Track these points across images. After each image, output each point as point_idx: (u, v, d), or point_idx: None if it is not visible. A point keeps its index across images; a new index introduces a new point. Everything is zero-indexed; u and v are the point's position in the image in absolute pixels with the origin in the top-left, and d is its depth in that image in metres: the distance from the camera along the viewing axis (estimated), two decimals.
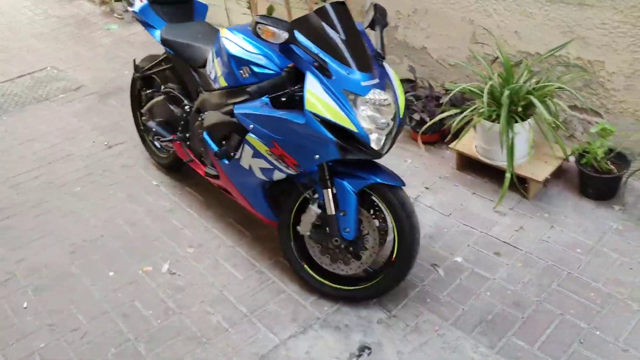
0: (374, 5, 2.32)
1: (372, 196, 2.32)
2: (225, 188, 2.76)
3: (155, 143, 3.48)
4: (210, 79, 2.60)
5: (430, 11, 3.44)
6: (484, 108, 2.76)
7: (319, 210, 2.34)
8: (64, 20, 6.38)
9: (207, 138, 2.61)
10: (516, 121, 2.76)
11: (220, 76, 2.49)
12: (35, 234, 3.11)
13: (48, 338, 2.46)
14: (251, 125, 2.27)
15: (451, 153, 3.22)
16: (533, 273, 2.52)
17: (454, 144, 3.10)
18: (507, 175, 2.76)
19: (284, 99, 2.16)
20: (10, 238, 3.10)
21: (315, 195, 2.37)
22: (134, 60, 3.37)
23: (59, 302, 2.64)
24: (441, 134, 3.37)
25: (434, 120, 3.08)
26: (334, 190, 2.27)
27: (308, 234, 2.42)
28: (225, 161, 2.53)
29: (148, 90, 3.31)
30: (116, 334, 2.45)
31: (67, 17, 6.46)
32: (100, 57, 5.34)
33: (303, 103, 2.05)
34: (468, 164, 3.16)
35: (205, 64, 2.70)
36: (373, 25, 2.31)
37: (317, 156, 2.15)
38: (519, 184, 2.88)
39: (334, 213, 2.29)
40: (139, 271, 2.78)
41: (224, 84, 2.47)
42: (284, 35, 1.99)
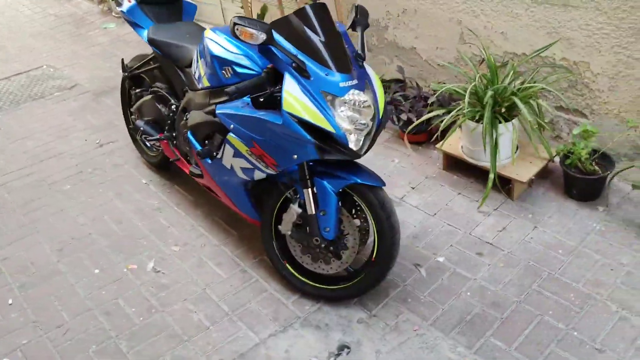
0: (356, 7, 2.33)
1: (354, 196, 2.33)
2: (210, 187, 2.78)
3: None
4: (195, 78, 2.62)
5: (419, 11, 3.44)
6: (467, 109, 2.76)
7: (300, 210, 2.35)
8: (62, 19, 6.42)
9: (191, 137, 2.63)
10: (500, 122, 2.76)
11: (203, 76, 2.50)
12: (23, 231, 3.14)
13: (31, 335, 2.49)
14: (232, 125, 2.29)
15: (438, 153, 3.23)
16: (514, 273, 2.52)
17: (439, 144, 3.10)
18: (491, 176, 2.76)
19: (261, 100, 2.17)
20: None
21: (296, 194, 2.38)
22: (122, 59, 3.39)
23: (44, 299, 2.67)
24: (429, 134, 3.37)
25: (420, 120, 3.09)
26: (314, 189, 2.28)
27: (289, 233, 2.43)
28: (208, 160, 2.55)
29: (137, 90, 3.34)
30: (98, 331, 2.48)
31: (65, 16, 6.50)
32: (97, 56, 5.36)
33: (280, 103, 2.07)
34: (454, 164, 3.16)
35: (191, 64, 2.72)
36: (354, 26, 2.32)
37: (296, 156, 2.16)
38: (500, 185, 2.88)
39: (314, 212, 2.30)
40: (124, 269, 2.80)
41: (207, 84, 2.49)
42: (262, 37, 2.00)
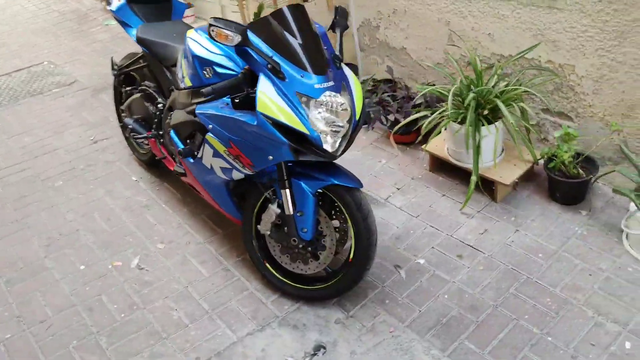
0: (336, 8, 2.34)
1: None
2: (194, 186, 2.80)
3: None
4: (179, 78, 2.65)
5: (409, 12, 3.43)
6: (451, 110, 2.76)
7: (278, 210, 2.37)
8: (65, 15, 6.47)
9: (174, 136, 2.66)
10: (484, 124, 2.76)
11: (186, 76, 2.52)
12: (13, 226, 3.19)
13: (15, 329, 2.53)
14: (210, 125, 2.31)
15: (425, 154, 3.23)
16: (493, 277, 2.52)
17: (424, 146, 3.10)
18: (473, 179, 2.76)
19: (237, 101, 2.18)
20: None
21: (275, 195, 2.40)
22: (112, 58, 3.42)
23: (29, 295, 2.71)
24: (416, 135, 3.36)
25: (406, 121, 3.09)
26: (292, 190, 2.30)
27: (268, 233, 2.45)
28: (190, 160, 2.57)
29: (128, 88, 3.37)
30: (80, 327, 2.51)
31: (69, 12, 6.56)
32: (97, 53, 5.41)
33: (255, 105, 2.08)
34: (440, 166, 3.16)
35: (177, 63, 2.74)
36: (334, 27, 2.33)
37: (271, 157, 2.17)
38: (482, 187, 2.88)
39: (291, 213, 2.32)
40: (108, 266, 2.84)
41: (189, 83, 2.51)
42: (237, 39, 2.02)
